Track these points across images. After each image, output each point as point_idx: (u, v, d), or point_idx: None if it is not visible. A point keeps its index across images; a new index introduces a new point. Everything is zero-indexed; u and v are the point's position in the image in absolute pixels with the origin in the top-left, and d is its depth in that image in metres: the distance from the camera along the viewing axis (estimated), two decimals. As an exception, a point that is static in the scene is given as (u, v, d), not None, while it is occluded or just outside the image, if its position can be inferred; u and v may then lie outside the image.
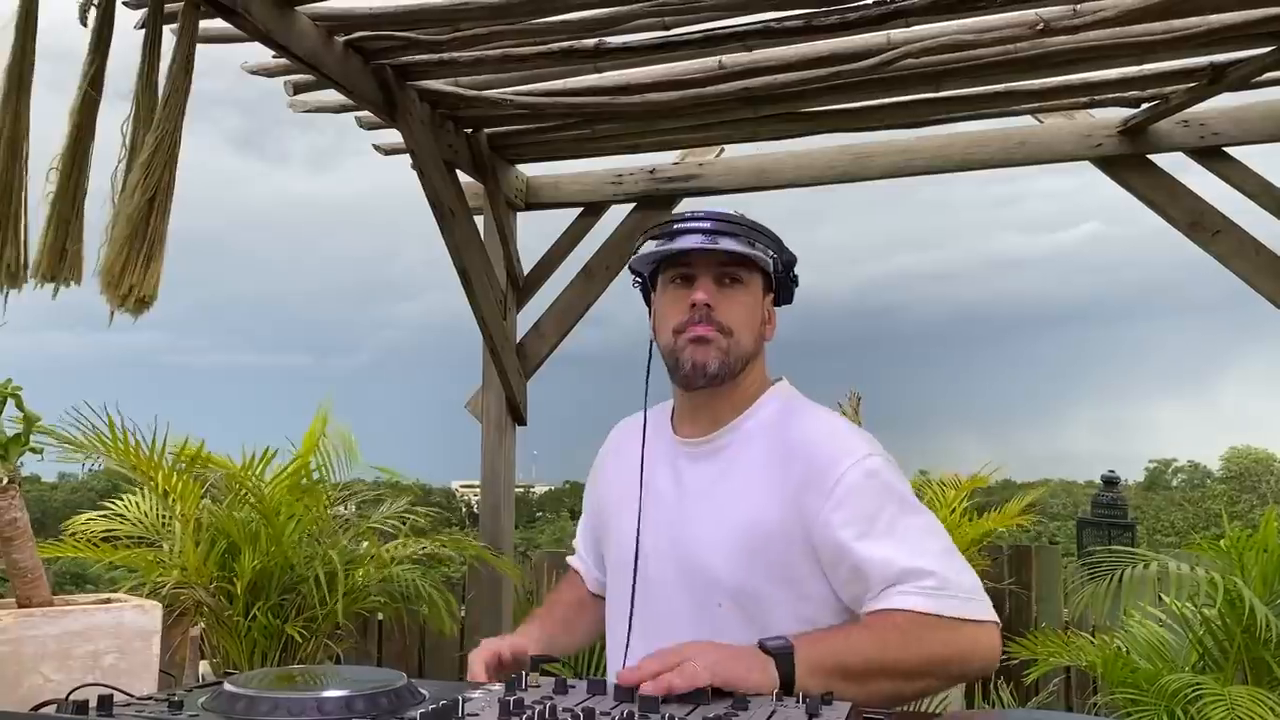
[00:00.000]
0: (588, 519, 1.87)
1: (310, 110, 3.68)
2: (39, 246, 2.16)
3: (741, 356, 1.57)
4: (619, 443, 1.79)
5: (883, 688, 1.36)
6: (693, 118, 3.63)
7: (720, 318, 1.54)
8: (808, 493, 1.46)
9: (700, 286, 1.54)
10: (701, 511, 1.55)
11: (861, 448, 1.50)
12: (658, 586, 1.58)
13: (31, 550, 1.54)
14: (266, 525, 3.18)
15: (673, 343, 1.57)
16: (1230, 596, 2.82)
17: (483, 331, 4.06)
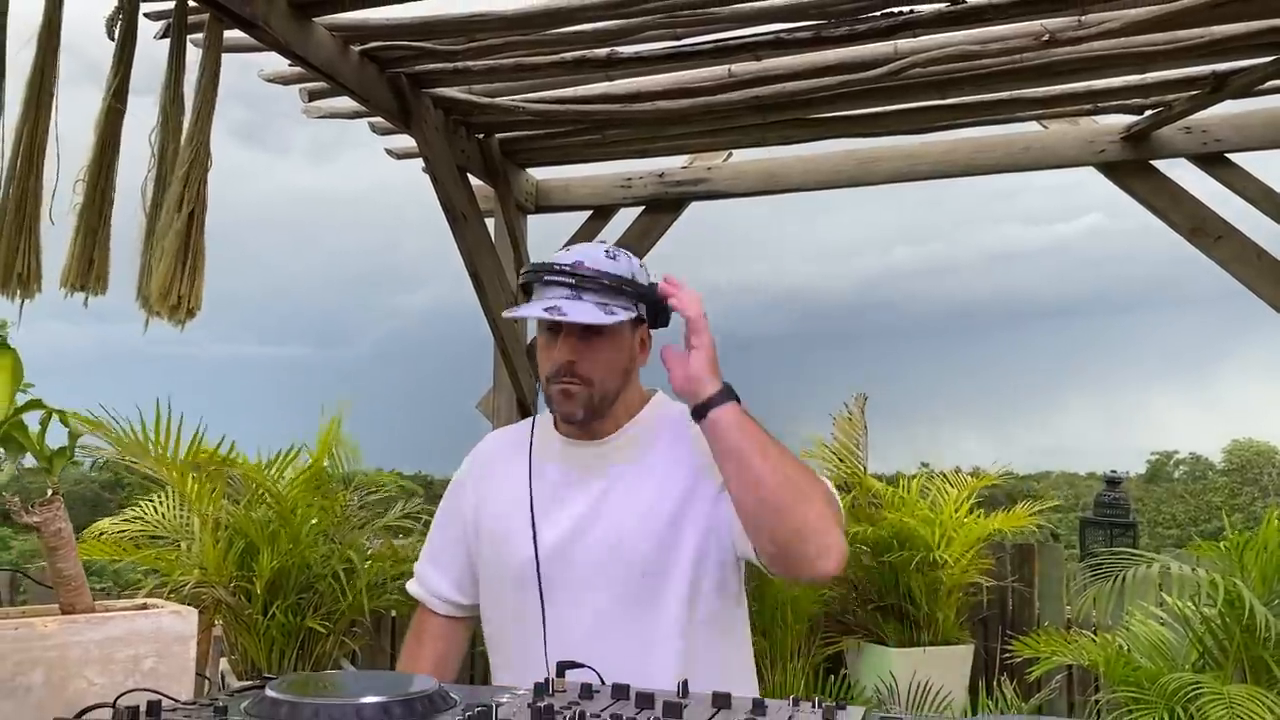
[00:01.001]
0: (456, 534, 1.85)
1: (324, 116, 3.73)
2: (66, 256, 2.22)
3: (607, 397, 1.70)
4: (500, 454, 1.85)
5: (761, 492, 1.51)
6: (702, 124, 3.68)
7: (582, 371, 1.65)
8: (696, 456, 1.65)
9: (564, 342, 1.65)
10: (613, 502, 1.67)
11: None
12: (565, 581, 1.66)
13: (75, 559, 1.60)
14: (284, 525, 3.24)
15: (546, 387, 1.70)
16: (1230, 597, 2.87)
17: (494, 333, 4.11)
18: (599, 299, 1.61)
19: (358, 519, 3.57)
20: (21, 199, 2.11)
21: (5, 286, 2.06)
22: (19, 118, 2.16)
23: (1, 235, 2.03)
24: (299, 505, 3.30)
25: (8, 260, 2.04)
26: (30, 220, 2.11)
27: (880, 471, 5.30)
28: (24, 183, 2.13)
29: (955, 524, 4.26)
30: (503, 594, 1.74)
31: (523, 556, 1.69)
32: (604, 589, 1.64)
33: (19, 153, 2.15)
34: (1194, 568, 3.06)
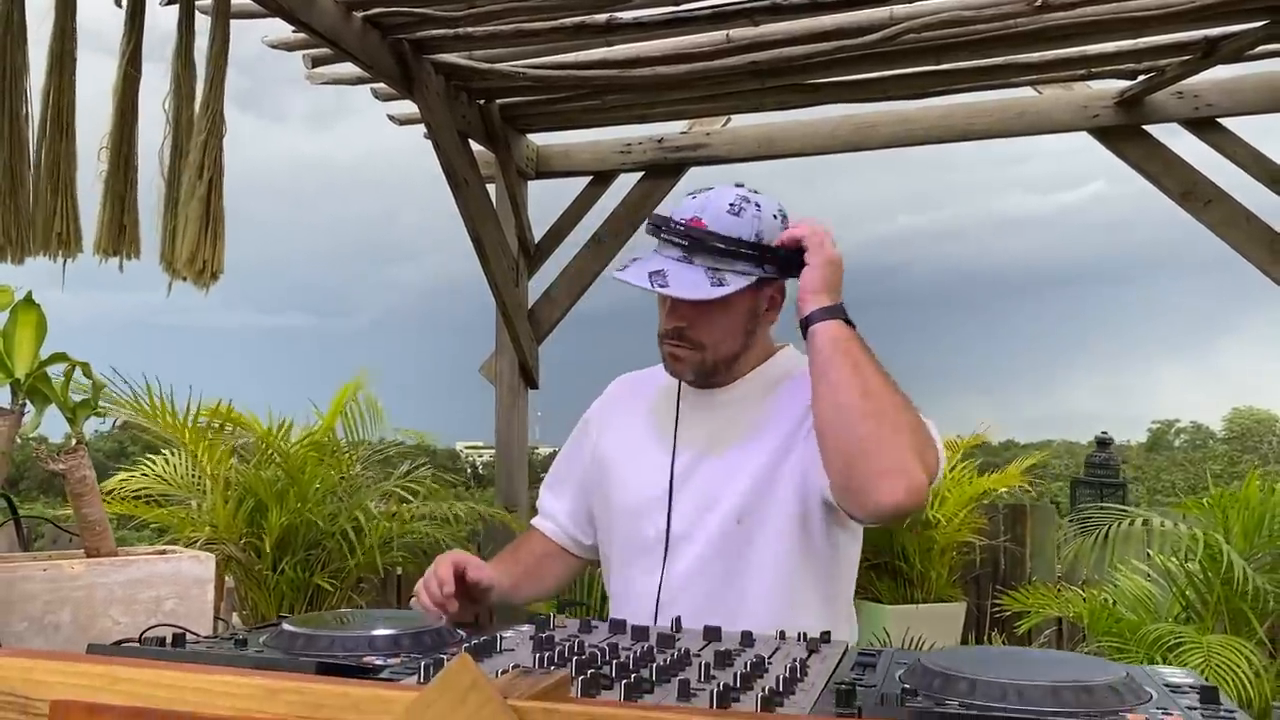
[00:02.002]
0: (576, 472, 1.86)
1: (327, 82, 3.78)
2: (97, 222, 2.28)
3: (722, 359, 1.65)
4: (625, 395, 1.85)
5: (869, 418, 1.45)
6: (701, 89, 3.73)
7: (693, 336, 1.61)
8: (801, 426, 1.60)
9: (672, 308, 1.61)
10: (723, 448, 1.65)
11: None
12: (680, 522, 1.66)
13: (99, 505, 1.68)
14: (293, 484, 3.33)
15: (660, 345, 1.68)
16: (1212, 551, 2.96)
17: (496, 298, 4.18)
18: (712, 264, 1.54)
19: (364, 479, 3.65)
20: (55, 162, 2.17)
21: (46, 246, 2.13)
22: (44, 83, 2.22)
23: (37, 197, 2.09)
24: (307, 465, 3.38)
25: (46, 220, 2.11)
26: (65, 182, 2.17)
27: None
28: (55, 146, 2.19)
29: (948, 484, 4.35)
30: (616, 531, 1.75)
31: (638, 497, 1.69)
32: (700, 536, 1.64)
33: (48, 116, 2.21)
34: (1177, 523, 3.15)
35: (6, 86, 2.24)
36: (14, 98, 2.25)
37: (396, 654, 1.24)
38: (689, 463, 1.68)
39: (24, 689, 0.97)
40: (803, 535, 1.62)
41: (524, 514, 4.37)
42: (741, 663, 1.19)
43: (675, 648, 1.27)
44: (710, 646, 1.31)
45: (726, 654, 1.22)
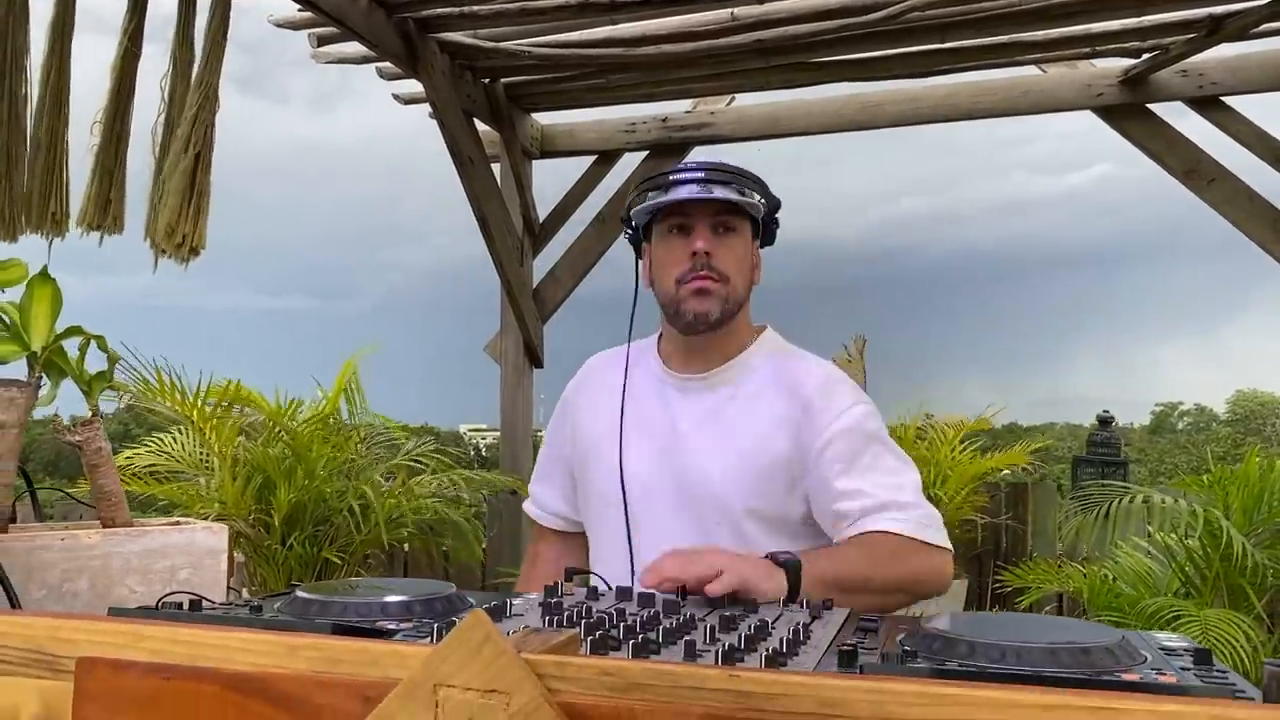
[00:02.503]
0: (559, 451, 1.87)
1: (333, 61, 3.79)
2: (83, 197, 2.29)
3: (737, 301, 1.68)
4: (599, 376, 1.85)
5: (869, 601, 1.50)
6: (705, 68, 3.73)
7: (718, 265, 1.64)
8: (805, 429, 1.62)
9: (698, 235, 1.63)
10: (703, 439, 1.67)
11: (852, 395, 1.68)
12: (651, 509, 1.69)
13: (114, 476, 1.70)
14: (300, 461, 3.36)
15: (674, 291, 1.67)
16: (1212, 528, 2.99)
17: (501, 277, 4.20)
18: (729, 189, 1.62)
19: (371, 456, 3.68)
20: (51, 140, 2.18)
21: (41, 225, 2.14)
22: (43, 61, 2.23)
23: (35, 175, 2.11)
24: (314, 442, 3.41)
25: (43, 199, 2.12)
26: (59, 160, 2.19)
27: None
28: (51, 124, 2.21)
29: (950, 463, 4.37)
30: (594, 516, 1.78)
31: (610, 482, 1.71)
32: (680, 522, 1.66)
33: (45, 95, 2.22)
34: (1177, 500, 3.17)
35: (7, 66, 2.25)
36: (13, 77, 2.26)
37: (409, 619, 1.27)
38: (672, 447, 1.70)
39: (51, 647, 1.00)
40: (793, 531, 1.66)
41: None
42: (746, 625, 1.22)
43: (681, 612, 1.30)
44: (715, 612, 1.34)
45: (731, 618, 1.25)
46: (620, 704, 0.80)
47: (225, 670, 0.93)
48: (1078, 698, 0.74)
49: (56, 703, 0.98)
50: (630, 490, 1.71)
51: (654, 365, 1.79)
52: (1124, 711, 0.72)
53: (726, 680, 0.80)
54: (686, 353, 1.75)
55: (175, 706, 0.93)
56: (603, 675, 0.82)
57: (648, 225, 1.76)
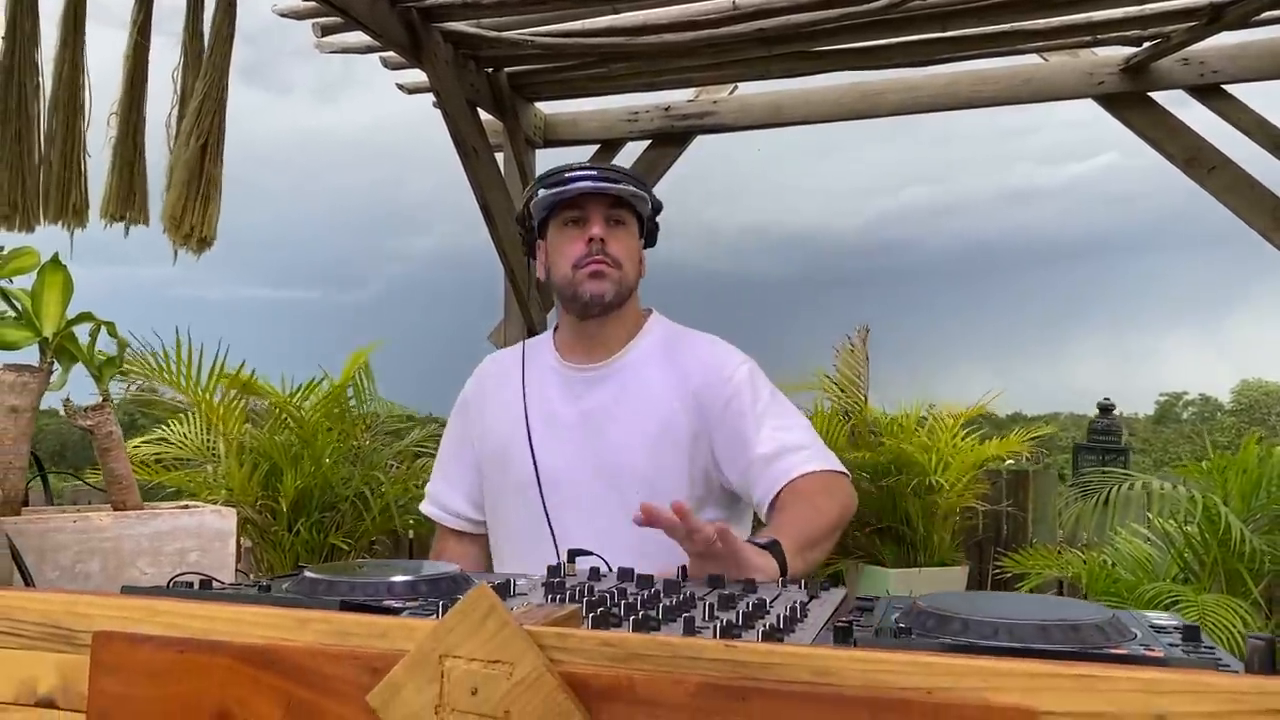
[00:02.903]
0: (462, 452, 1.94)
1: (336, 51, 3.81)
2: (105, 189, 2.32)
3: (629, 287, 1.82)
4: (499, 374, 1.94)
5: (828, 545, 1.66)
6: (706, 57, 3.74)
7: (612, 252, 1.78)
8: (705, 393, 1.77)
9: (594, 224, 1.77)
10: (613, 425, 1.79)
11: (739, 355, 1.85)
12: (573, 498, 1.77)
13: (125, 460, 1.73)
14: (307, 448, 3.39)
15: (570, 276, 1.80)
16: (1210, 514, 3.01)
17: (504, 266, 4.22)
18: (621, 187, 1.77)
19: (377, 443, 3.72)
20: (67, 131, 2.21)
21: (61, 216, 2.17)
22: (55, 54, 2.25)
23: (52, 167, 2.13)
24: (320, 430, 3.44)
25: (62, 191, 2.15)
26: (76, 151, 2.21)
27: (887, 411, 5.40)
28: (65, 115, 2.23)
29: (951, 450, 4.40)
30: (508, 512, 1.85)
31: (524, 477, 1.80)
32: (605, 506, 1.73)
33: (59, 86, 2.24)
34: (1176, 486, 3.20)
35: (18, 58, 2.27)
36: (25, 69, 2.28)
37: (415, 598, 1.30)
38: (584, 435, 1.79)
39: (68, 621, 1.03)
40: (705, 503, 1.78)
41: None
42: (744, 603, 1.25)
43: (682, 591, 1.33)
44: (715, 591, 1.37)
45: (730, 597, 1.28)
46: (620, 674, 0.83)
47: (237, 643, 0.96)
48: (1063, 667, 0.77)
49: (73, 675, 1.01)
50: (548, 481, 1.79)
51: (550, 359, 1.89)
52: (1106, 679, 0.74)
53: (723, 651, 0.83)
54: (584, 342, 1.86)
55: (189, 678, 0.96)
56: (603, 646, 0.85)
57: (543, 223, 1.87)
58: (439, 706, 0.86)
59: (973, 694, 0.76)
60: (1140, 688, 0.73)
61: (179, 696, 0.96)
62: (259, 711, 0.93)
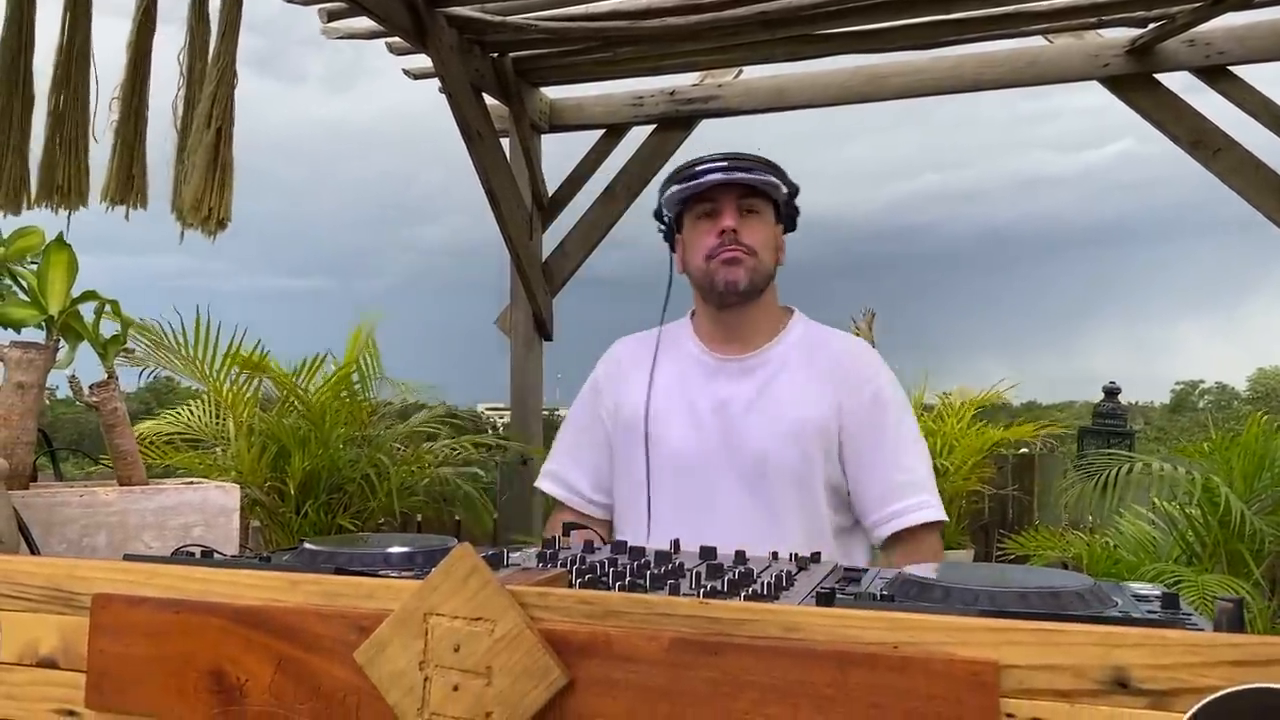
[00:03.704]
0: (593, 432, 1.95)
1: (342, 37, 3.83)
2: (106, 172, 2.35)
3: (765, 275, 1.83)
4: (633, 357, 1.95)
5: None
6: (711, 40, 3.75)
7: (745, 240, 1.79)
8: (846, 398, 1.79)
9: (726, 216, 1.79)
10: (752, 416, 1.80)
11: (883, 366, 1.88)
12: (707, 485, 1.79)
13: (130, 436, 1.76)
14: (314, 430, 3.43)
15: (705, 266, 1.82)
16: (1211, 495, 3.01)
17: (510, 251, 4.25)
18: (752, 175, 1.78)
19: (384, 424, 3.75)
20: (60, 113, 2.23)
21: (46, 197, 2.20)
22: (58, 37, 2.28)
23: (53, 148, 2.16)
24: (328, 411, 3.48)
25: (48, 171, 2.18)
26: (71, 133, 2.24)
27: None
28: (60, 95, 2.26)
29: (957, 434, 4.40)
30: (634, 493, 1.85)
31: (656, 459, 1.82)
32: (735, 496, 1.77)
33: (57, 67, 2.27)
34: (1178, 467, 3.20)
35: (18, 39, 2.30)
36: (26, 50, 2.31)
37: (410, 569, 1.33)
38: (720, 424, 1.81)
39: (68, 584, 1.06)
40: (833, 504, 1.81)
41: (537, 463, 4.47)
42: (731, 572, 1.27)
43: (671, 562, 1.35)
44: (704, 563, 1.39)
45: (719, 567, 1.30)
46: (597, 629, 0.86)
47: (231, 604, 0.99)
48: (1024, 623, 0.79)
49: (74, 637, 1.04)
50: (678, 466, 1.81)
51: (691, 347, 1.90)
52: (1065, 633, 0.77)
53: (696, 608, 0.85)
54: (723, 332, 1.88)
55: (184, 638, 0.99)
56: (581, 604, 0.88)
57: (678, 218, 1.89)
58: (423, 662, 0.89)
59: (938, 648, 0.78)
60: (1098, 641, 0.75)
61: (175, 656, 0.99)
62: (251, 669, 0.96)
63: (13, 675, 1.07)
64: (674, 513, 1.80)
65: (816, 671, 0.80)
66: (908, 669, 0.78)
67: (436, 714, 0.88)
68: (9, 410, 1.61)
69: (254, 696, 0.96)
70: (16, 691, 1.06)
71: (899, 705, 0.77)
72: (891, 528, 1.78)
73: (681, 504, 1.80)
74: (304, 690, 0.94)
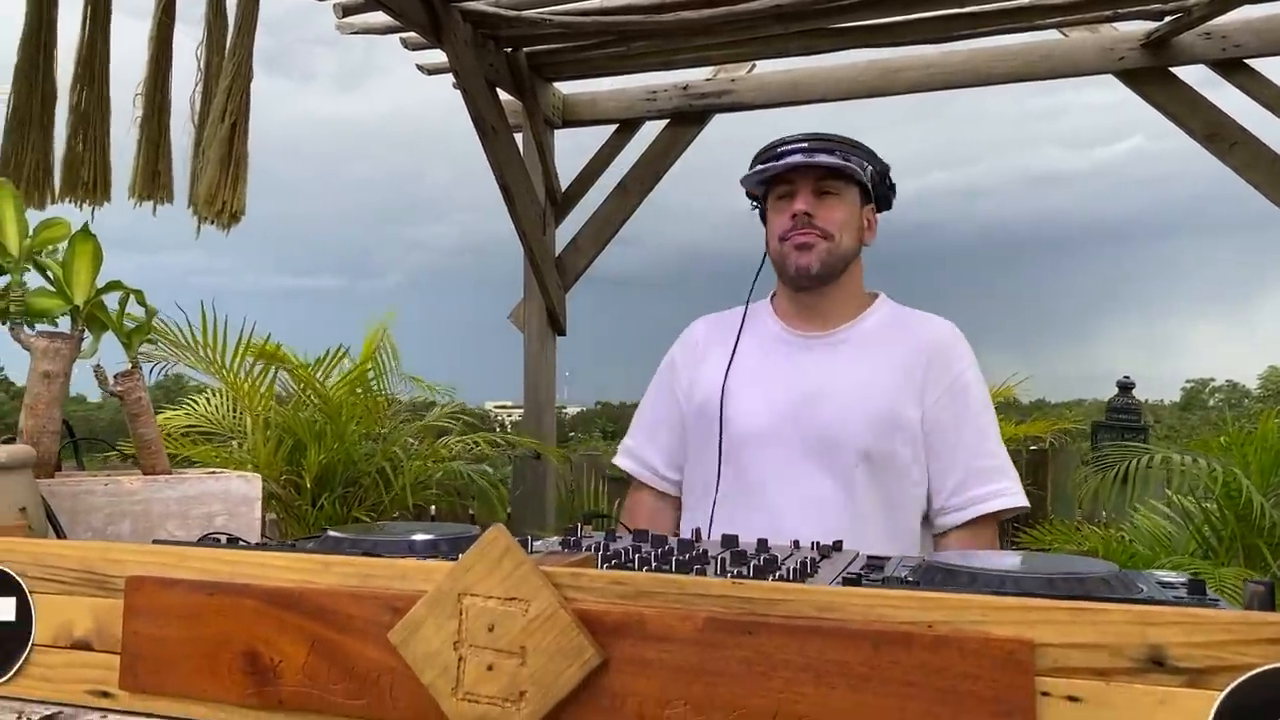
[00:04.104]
0: (669, 412, 1.95)
1: (357, 32, 3.84)
2: (132, 169, 2.37)
3: (842, 257, 1.80)
4: (710, 336, 1.95)
5: None
6: (724, 34, 3.75)
7: (820, 224, 1.78)
8: (929, 379, 1.77)
9: (800, 199, 1.77)
10: (833, 394, 1.77)
11: (968, 348, 1.84)
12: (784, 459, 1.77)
13: (153, 425, 1.77)
14: (330, 424, 3.44)
15: (779, 248, 1.82)
16: (1230, 489, 3.01)
17: (524, 246, 4.25)
18: (832, 156, 1.76)
19: (399, 419, 3.76)
20: (83, 110, 2.25)
21: (71, 192, 2.22)
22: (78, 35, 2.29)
23: (75, 144, 2.17)
24: (345, 405, 3.49)
25: (71, 167, 2.19)
26: (94, 130, 2.25)
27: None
28: (82, 92, 2.27)
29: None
30: (706, 471, 1.84)
31: (731, 436, 1.80)
32: (811, 475, 1.75)
33: (78, 65, 2.29)
34: (1195, 459, 3.19)
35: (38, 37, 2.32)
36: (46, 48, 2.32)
37: (435, 556, 1.34)
38: (800, 402, 1.78)
39: (102, 567, 1.07)
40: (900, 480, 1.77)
41: (550, 458, 4.48)
42: (756, 559, 1.27)
43: (695, 549, 1.36)
44: (728, 550, 1.39)
45: (742, 553, 1.31)
46: (630, 610, 0.86)
47: (264, 586, 1.00)
48: (1059, 603, 0.79)
49: (107, 619, 1.05)
50: (754, 443, 1.79)
51: (773, 325, 1.89)
52: (1101, 612, 0.77)
53: (729, 588, 0.86)
54: (803, 311, 1.86)
55: (218, 619, 1.00)
56: (614, 584, 0.88)
57: (764, 197, 1.88)
58: (457, 642, 0.89)
59: (972, 628, 0.79)
60: (1134, 620, 0.75)
61: (208, 637, 1.00)
62: (284, 650, 0.97)
63: (48, 657, 1.08)
64: (741, 495, 1.78)
65: (850, 651, 0.80)
66: (942, 648, 0.78)
67: (471, 693, 0.88)
68: (35, 399, 1.63)
69: (288, 677, 0.97)
70: (52, 673, 1.07)
71: (933, 684, 0.78)
72: (971, 513, 1.75)
73: (751, 482, 1.78)
74: (338, 671, 0.94)
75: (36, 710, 1.04)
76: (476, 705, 0.88)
